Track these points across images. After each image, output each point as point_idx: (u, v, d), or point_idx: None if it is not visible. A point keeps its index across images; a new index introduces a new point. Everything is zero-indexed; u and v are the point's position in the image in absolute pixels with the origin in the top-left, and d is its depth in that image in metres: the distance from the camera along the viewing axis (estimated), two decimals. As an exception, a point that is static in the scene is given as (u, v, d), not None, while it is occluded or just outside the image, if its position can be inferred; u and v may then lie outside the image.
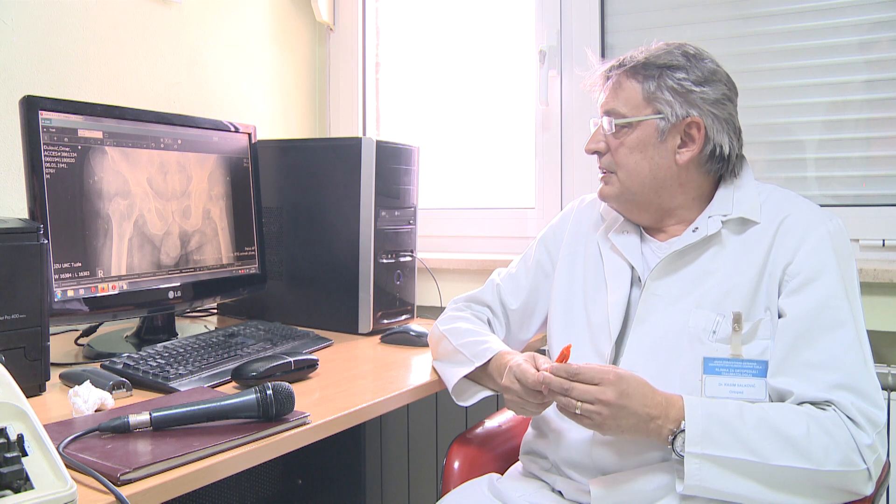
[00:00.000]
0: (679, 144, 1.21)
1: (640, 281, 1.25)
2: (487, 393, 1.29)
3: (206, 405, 1.01)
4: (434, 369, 1.39)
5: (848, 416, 1.03)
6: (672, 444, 1.05)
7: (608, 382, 1.05)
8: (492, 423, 1.51)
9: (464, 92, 2.30)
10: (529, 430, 1.36)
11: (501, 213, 2.20)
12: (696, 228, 1.21)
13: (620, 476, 1.15)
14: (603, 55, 2.03)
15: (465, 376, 1.28)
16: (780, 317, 1.13)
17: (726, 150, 1.22)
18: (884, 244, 1.70)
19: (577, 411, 1.06)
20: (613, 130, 1.23)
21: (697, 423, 1.04)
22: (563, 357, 1.11)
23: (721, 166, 1.24)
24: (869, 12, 1.73)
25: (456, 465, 1.37)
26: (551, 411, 1.28)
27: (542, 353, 1.37)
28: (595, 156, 1.29)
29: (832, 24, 1.77)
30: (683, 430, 1.04)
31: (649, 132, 1.21)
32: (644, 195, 1.24)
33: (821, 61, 1.79)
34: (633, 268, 1.25)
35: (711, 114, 1.20)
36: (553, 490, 1.26)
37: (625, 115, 1.22)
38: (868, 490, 1.04)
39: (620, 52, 2.03)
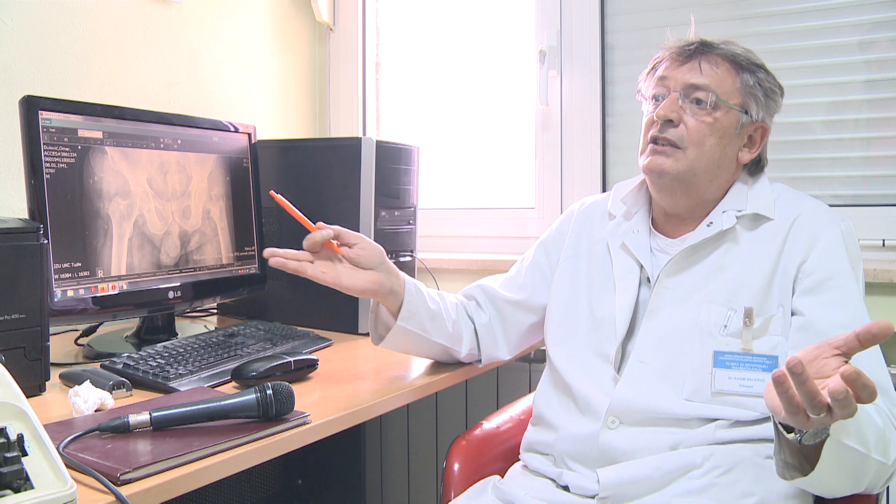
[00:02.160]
0: (743, 144, 1.23)
1: (648, 281, 1.24)
2: (390, 323, 1.30)
3: (206, 405, 1.01)
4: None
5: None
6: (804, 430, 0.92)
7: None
8: (490, 424, 1.51)
9: (464, 92, 2.30)
10: (530, 427, 1.36)
11: (501, 213, 2.20)
12: (711, 223, 1.21)
13: (629, 465, 1.14)
14: (603, 55, 2.03)
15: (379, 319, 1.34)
16: (793, 314, 1.14)
17: (765, 159, 1.26)
18: (884, 244, 1.70)
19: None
20: (707, 107, 1.18)
21: None
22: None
23: (753, 171, 1.26)
24: (869, 12, 1.73)
25: (456, 466, 1.37)
26: (550, 403, 1.28)
27: (542, 353, 1.37)
28: (653, 131, 1.21)
29: (832, 24, 1.77)
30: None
31: (732, 122, 1.20)
32: (701, 180, 1.21)
33: (821, 61, 1.79)
34: (641, 267, 1.25)
35: (771, 124, 1.24)
36: (558, 485, 1.25)
37: (718, 94, 1.19)
38: (881, 490, 1.04)
39: (620, 52, 2.05)
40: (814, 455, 0.92)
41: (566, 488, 1.22)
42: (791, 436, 0.94)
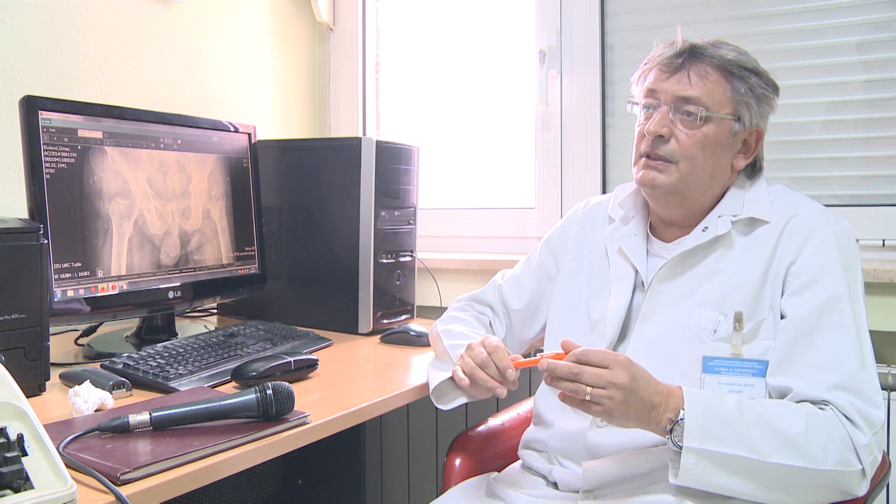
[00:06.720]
0: (738, 150, 1.22)
1: (643, 285, 1.24)
2: (466, 399, 1.24)
3: (206, 405, 1.01)
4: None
5: (845, 416, 1.03)
6: (670, 433, 1.04)
7: (620, 366, 1.03)
8: (494, 421, 1.51)
9: (464, 92, 2.30)
10: (531, 425, 1.36)
11: (501, 213, 2.20)
12: (706, 228, 1.20)
13: (613, 459, 1.15)
14: (603, 55, 2.03)
15: (450, 379, 1.25)
16: (781, 317, 1.13)
17: (762, 162, 1.25)
18: (884, 244, 1.70)
19: (588, 397, 1.03)
20: (698, 121, 1.17)
21: (696, 416, 1.02)
22: (560, 358, 1.08)
23: (751, 174, 1.26)
24: (868, 12, 1.73)
25: (457, 462, 1.37)
26: (548, 403, 1.28)
27: (541, 353, 1.37)
28: (644, 143, 1.21)
29: (832, 24, 1.77)
30: (681, 420, 1.02)
31: (723, 131, 1.19)
32: (694, 192, 1.21)
33: (821, 61, 1.79)
34: (637, 271, 1.25)
35: (766, 126, 1.23)
36: (549, 483, 1.26)
37: (708, 107, 1.18)
38: (862, 490, 1.04)
39: (620, 52, 2.05)
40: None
41: (556, 485, 1.23)
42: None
